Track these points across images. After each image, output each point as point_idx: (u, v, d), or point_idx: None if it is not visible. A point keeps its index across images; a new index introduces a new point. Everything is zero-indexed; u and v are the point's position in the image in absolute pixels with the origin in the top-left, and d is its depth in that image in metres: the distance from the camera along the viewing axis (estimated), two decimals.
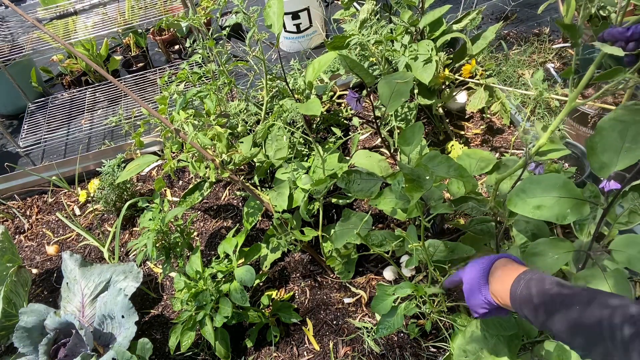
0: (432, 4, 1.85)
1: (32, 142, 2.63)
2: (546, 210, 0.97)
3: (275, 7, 1.52)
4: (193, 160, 1.58)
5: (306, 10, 2.82)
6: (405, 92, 1.23)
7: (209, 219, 2.15)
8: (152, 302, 1.91)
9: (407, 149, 1.24)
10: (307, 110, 1.43)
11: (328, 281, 1.79)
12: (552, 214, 0.96)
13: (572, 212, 0.96)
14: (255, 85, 2.34)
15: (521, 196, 1.01)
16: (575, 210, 0.96)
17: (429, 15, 1.78)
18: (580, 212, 0.96)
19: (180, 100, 1.59)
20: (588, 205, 0.96)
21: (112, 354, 1.46)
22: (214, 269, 1.56)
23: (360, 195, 1.35)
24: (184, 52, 3.16)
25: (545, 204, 0.97)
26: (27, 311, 1.60)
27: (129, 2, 2.70)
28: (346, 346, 1.60)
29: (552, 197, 0.97)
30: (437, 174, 1.05)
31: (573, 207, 0.96)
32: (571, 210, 0.96)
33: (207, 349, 1.68)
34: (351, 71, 1.26)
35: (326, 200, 1.74)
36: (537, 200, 0.98)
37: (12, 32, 2.59)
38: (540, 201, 0.98)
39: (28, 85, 2.96)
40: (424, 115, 2.22)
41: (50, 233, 2.29)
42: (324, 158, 1.56)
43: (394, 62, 1.87)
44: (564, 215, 0.96)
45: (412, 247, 1.18)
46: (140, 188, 2.39)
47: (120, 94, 2.94)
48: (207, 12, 2.20)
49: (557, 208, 0.96)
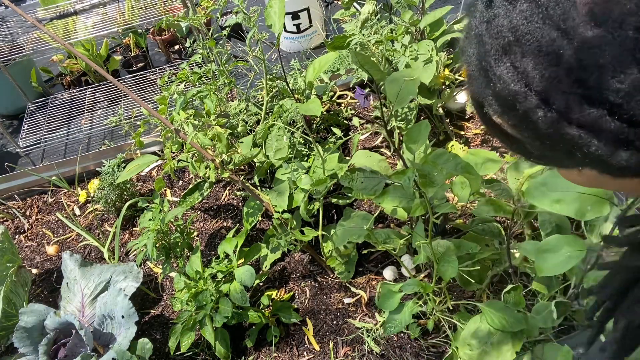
0: (432, 4, 1.85)
1: (32, 142, 2.63)
2: (566, 205, 0.96)
3: (277, 7, 1.52)
4: (193, 160, 1.58)
5: (306, 11, 2.82)
6: (413, 90, 1.23)
7: (209, 219, 2.15)
8: (152, 302, 1.90)
9: (413, 147, 1.24)
10: (307, 110, 1.42)
11: (328, 281, 1.79)
12: (572, 209, 0.95)
13: (593, 210, 0.94)
14: (255, 85, 2.34)
15: (541, 189, 0.99)
16: (596, 207, 0.94)
17: (429, 15, 1.78)
18: (600, 210, 0.94)
19: (180, 100, 1.59)
20: (609, 205, 0.95)
21: (112, 354, 1.46)
22: (214, 269, 1.56)
23: (364, 194, 1.35)
24: (184, 52, 3.16)
25: (566, 199, 0.96)
26: (27, 311, 1.60)
27: (129, 2, 2.70)
28: (346, 346, 1.60)
29: (573, 192, 0.96)
30: (444, 170, 1.05)
31: (594, 204, 0.94)
32: (592, 207, 0.94)
33: (207, 349, 1.68)
34: (361, 67, 1.26)
35: (326, 200, 1.74)
36: (557, 195, 0.97)
37: (12, 32, 2.59)
38: (561, 195, 0.97)
39: (28, 85, 2.96)
40: (424, 115, 2.22)
41: (50, 233, 2.29)
42: (324, 158, 1.56)
43: (394, 62, 1.87)
44: (584, 211, 0.94)
45: (419, 244, 1.18)
46: (140, 188, 2.39)
47: (120, 94, 2.94)
48: (207, 12, 2.19)
49: (577, 204, 0.95)
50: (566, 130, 0.38)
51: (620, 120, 0.36)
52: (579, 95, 0.36)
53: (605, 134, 0.37)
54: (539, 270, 1.02)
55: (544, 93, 0.38)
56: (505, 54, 0.40)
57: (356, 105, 2.42)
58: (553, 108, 0.38)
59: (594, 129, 0.37)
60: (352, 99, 2.44)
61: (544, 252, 1.03)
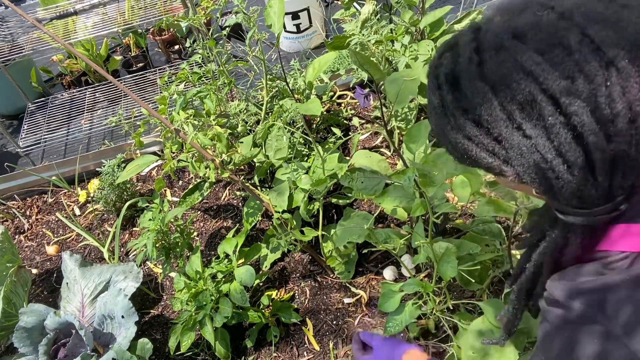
0: (432, 4, 1.85)
1: (32, 142, 2.63)
2: None
3: (276, 7, 1.52)
4: (193, 160, 1.58)
5: (306, 11, 2.82)
6: (413, 90, 1.23)
7: (209, 219, 2.15)
8: (152, 302, 1.90)
9: (413, 146, 1.24)
10: (307, 110, 1.42)
11: (328, 281, 1.79)
12: None
13: None
14: (255, 85, 2.34)
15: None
16: None
17: (429, 15, 1.78)
18: None
19: (180, 100, 1.59)
20: None
21: (112, 354, 1.46)
22: (214, 269, 1.56)
23: (364, 193, 1.35)
24: (184, 52, 3.16)
25: None
26: (27, 311, 1.60)
27: (129, 2, 2.70)
28: (346, 346, 1.60)
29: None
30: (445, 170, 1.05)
31: None
32: None
33: (207, 349, 1.68)
34: (361, 67, 1.26)
35: (326, 200, 1.74)
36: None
37: (12, 32, 2.59)
38: None
39: (28, 85, 2.96)
40: (424, 115, 2.21)
41: (50, 233, 2.29)
42: (323, 158, 1.56)
43: (394, 62, 1.87)
44: None
45: (419, 243, 1.18)
46: (140, 188, 2.39)
47: (120, 94, 2.94)
48: (207, 12, 2.19)
49: None
50: (480, 154, 0.58)
51: (493, 139, 0.55)
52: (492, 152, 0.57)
53: (490, 152, 0.56)
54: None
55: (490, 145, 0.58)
56: (445, 114, 0.60)
57: (356, 105, 2.42)
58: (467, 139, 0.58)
59: (486, 149, 0.56)
60: (352, 99, 2.44)
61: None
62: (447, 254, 1.19)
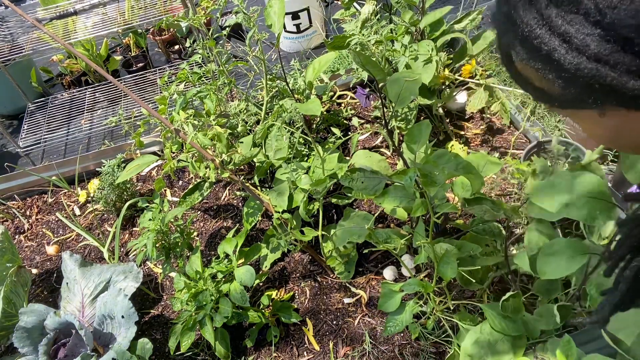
0: (432, 4, 1.85)
1: (32, 142, 2.63)
2: (575, 209, 0.94)
3: (276, 7, 1.52)
4: (193, 160, 1.58)
5: (306, 10, 2.82)
6: (414, 90, 1.23)
7: (209, 219, 2.15)
8: (152, 302, 1.90)
9: (414, 146, 1.24)
10: (307, 110, 1.42)
11: (328, 281, 1.79)
12: (582, 214, 0.94)
13: (602, 215, 0.93)
14: (255, 85, 2.34)
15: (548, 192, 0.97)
16: (605, 212, 0.93)
17: (429, 15, 1.78)
18: (609, 215, 0.93)
19: (180, 100, 1.59)
20: (617, 209, 0.94)
21: (112, 354, 1.46)
22: (214, 269, 1.56)
23: (365, 193, 1.35)
24: (184, 52, 3.16)
25: (575, 203, 0.94)
26: (27, 311, 1.60)
27: (129, 2, 2.70)
28: (346, 346, 1.60)
29: (583, 196, 0.95)
30: (446, 170, 1.04)
31: (603, 209, 0.93)
32: (600, 212, 0.93)
33: (207, 349, 1.68)
34: (363, 68, 1.26)
35: (326, 200, 1.74)
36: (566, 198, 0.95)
37: (12, 32, 2.59)
38: (569, 199, 0.95)
39: (28, 85, 2.96)
40: (424, 115, 2.22)
41: (50, 233, 2.29)
42: (323, 158, 1.56)
43: (394, 62, 1.87)
44: (594, 216, 0.93)
45: (420, 244, 1.18)
46: (140, 188, 2.39)
47: (120, 94, 2.94)
48: (207, 12, 2.20)
49: (587, 208, 0.94)
50: (585, 65, 0.44)
51: (632, 54, 0.42)
52: (597, 35, 0.43)
53: (619, 66, 0.43)
54: (541, 274, 1.01)
55: (565, 35, 0.45)
56: (531, 4, 0.47)
57: (356, 105, 2.42)
58: (573, 47, 0.44)
59: (610, 63, 0.43)
60: (352, 99, 2.44)
61: (547, 256, 1.02)
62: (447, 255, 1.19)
